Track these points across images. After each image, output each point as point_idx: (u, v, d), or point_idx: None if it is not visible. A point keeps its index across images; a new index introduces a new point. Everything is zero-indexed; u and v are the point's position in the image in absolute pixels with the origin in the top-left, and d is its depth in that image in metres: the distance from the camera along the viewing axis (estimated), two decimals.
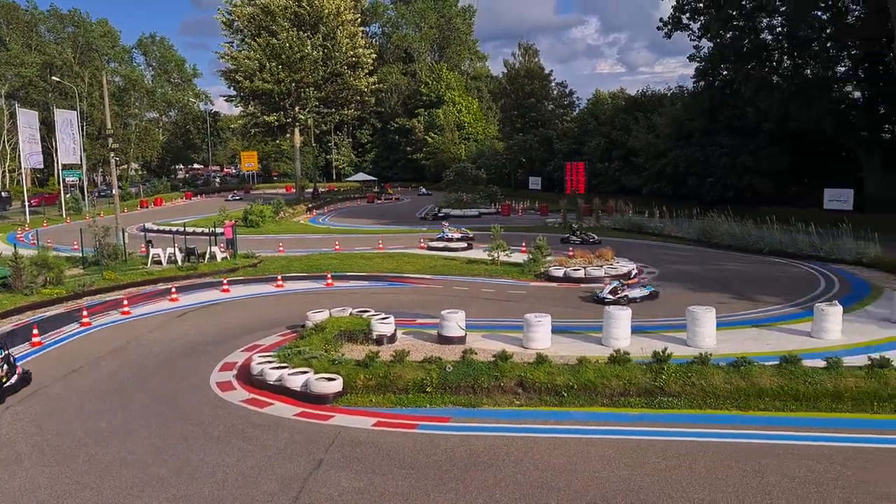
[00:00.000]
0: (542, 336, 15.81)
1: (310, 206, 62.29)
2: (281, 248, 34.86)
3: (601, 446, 11.22)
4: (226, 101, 75.81)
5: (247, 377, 14.93)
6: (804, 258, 29.37)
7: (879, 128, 46.50)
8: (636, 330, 16.52)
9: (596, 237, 36.35)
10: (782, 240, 31.78)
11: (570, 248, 30.36)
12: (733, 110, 49.51)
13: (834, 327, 16.37)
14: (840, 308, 16.67)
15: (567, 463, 10.60)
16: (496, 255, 28.45)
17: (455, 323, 16.44)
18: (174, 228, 41.04)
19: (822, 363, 13.40)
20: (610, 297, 21.17)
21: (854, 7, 44.79)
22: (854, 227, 29.84)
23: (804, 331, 16.94)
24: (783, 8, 43.51)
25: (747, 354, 14.07)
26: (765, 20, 48.07)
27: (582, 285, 24.65)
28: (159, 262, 29.48)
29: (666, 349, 13.88)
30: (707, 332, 15.80)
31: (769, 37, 49.14)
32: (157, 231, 43.18)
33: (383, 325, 16.76)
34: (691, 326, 15.98)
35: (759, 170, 46.83)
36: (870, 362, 13.24)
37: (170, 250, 29.96)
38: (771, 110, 45.24)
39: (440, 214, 52.19)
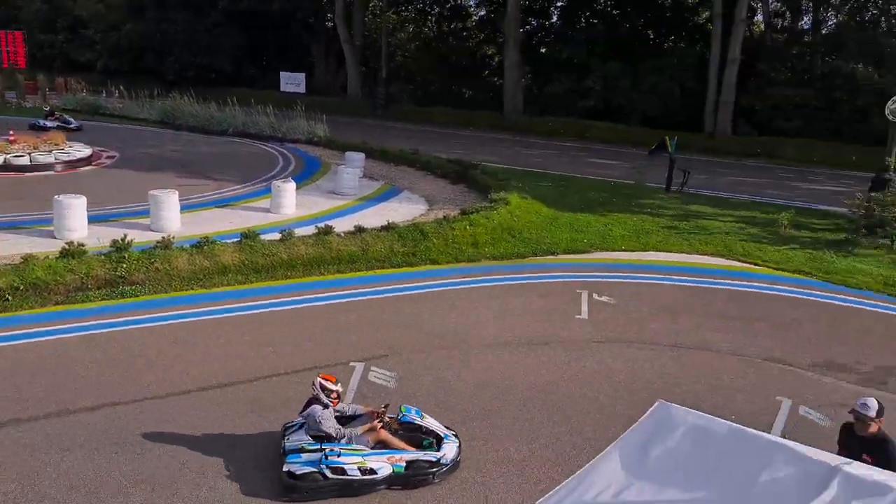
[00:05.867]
0: None
1: None
2: None
3: (65, 345, 10.31)
4: None
5: None
6: (265, 138, 30.80)
7: (325, 17, 50.60)
8: (95, 219, 15.47)
9: (74, 121, 31.43)
10: (244, 121, 32.66)
11: (11, 132, 26.04)
12: None
13: (289, 202, 17.83)
14: (294, 184, 18.18)
15: (19, 368, 9.43)
16: None
17: None
18: None
19: (278, 236, 14.47)
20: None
21: None
22: (306, 109, 32.32)
23: (264, 207, 18.02)
24: None
25: (211, 234, 14.40)
26: None
27: (26, 174, 21.72)
28: None
29: (126, 236, 13.26)
30: (171, 216, 15.67)
31: None
32: None
33: None
34: (154, 211, 15.62)
35: (217, 48, 46.93)
36: (317, 231, 14.81)
37: None
38: None
39: None
